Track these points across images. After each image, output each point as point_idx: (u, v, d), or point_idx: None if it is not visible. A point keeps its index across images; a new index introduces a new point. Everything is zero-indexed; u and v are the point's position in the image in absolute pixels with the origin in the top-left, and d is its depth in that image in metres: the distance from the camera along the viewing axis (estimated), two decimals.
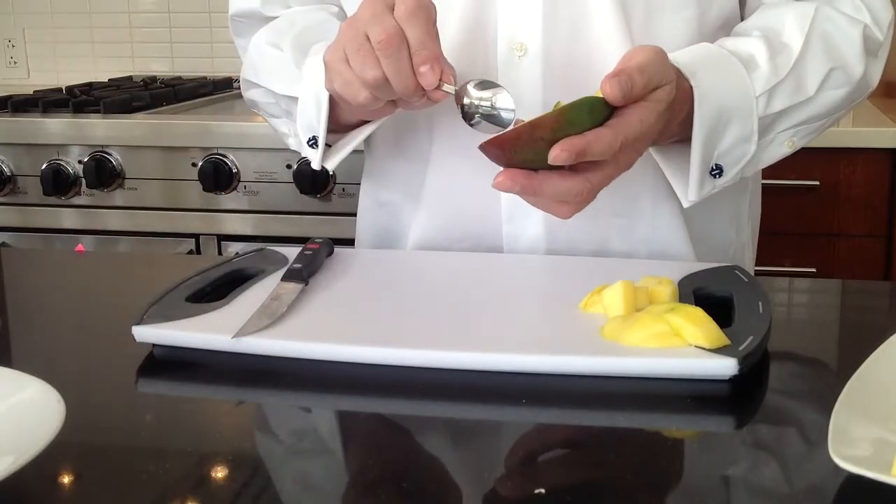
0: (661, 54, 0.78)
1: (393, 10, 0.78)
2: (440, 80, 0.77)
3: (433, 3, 0.79)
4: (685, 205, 0.87)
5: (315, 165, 0.92)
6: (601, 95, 0.73)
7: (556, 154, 0.71)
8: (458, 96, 0.78)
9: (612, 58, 0.90)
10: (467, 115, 0.78)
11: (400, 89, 0.78)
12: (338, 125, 0.92)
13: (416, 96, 0.79)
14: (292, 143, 1.00)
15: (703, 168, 0.85)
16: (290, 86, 0.94)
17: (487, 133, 0.76)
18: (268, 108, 1.02)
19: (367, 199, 1.08)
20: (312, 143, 0.91)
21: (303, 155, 0.95)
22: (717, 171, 0.87)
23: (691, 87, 0.82)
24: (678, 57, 0.84)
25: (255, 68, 1.00)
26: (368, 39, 0.78)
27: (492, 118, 0.77)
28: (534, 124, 0.71)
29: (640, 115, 0.75)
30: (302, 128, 0.93)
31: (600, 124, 0.73)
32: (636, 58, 0.76)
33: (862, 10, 0.93)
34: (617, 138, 0.73)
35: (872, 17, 0.92)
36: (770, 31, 0.90)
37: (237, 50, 1.08)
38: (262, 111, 1.04)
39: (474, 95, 0.78)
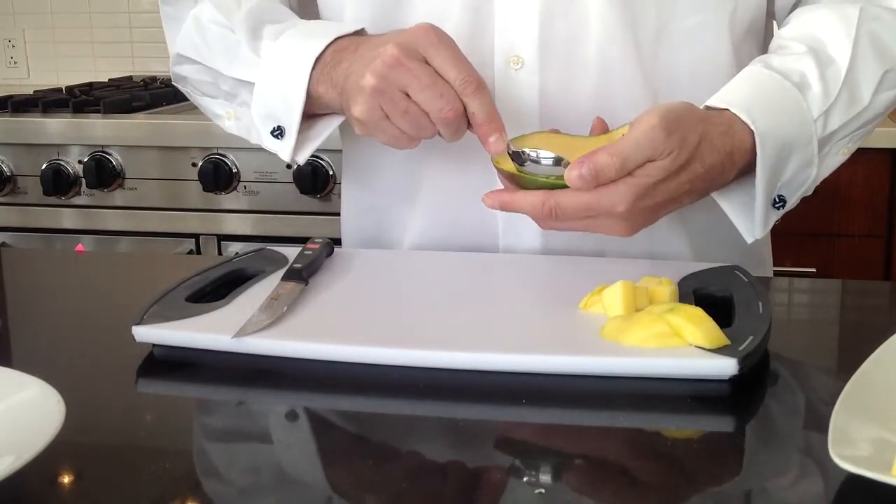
0: (659, 126, 0.75)
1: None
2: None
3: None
4: (749, 241, 0.86)
5: (286, 158, 0.91)
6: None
7: (484, 198, 0.79)
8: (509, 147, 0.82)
9: (612, 69, 0.90)
10: (520, 157, 0.79)
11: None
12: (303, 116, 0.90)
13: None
14: (230, 126, 0.97)
15: (765, 203, 0.84)
16: (244, 70, 0.92)
17: (535, 172, 0.79)
18: (200, 87, 0.99)
19: (351, 203, 1.07)
20: (277, 133, 0.90)
21: (255, 142, 0.93)
22: (779, 203, 0.85)
23: (751, 130, 0.80)
24: (730, 96, 0.82)
25: (196, 46, 0.96)
26: (437, 74, 0.80)
27: (539, 161, 0.79)
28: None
29: (606, 192, 0.75)
30: (261, 116, 0.91)
31: None
32: (632, 130, 0.76)
33: None
34: (542, 207, 0.76)
35: None
36: (815, 42, 0.87)
37: (163, 18, 1.02)
38: (192, 88, 1.00)
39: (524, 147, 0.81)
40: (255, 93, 0.91)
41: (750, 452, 0.62)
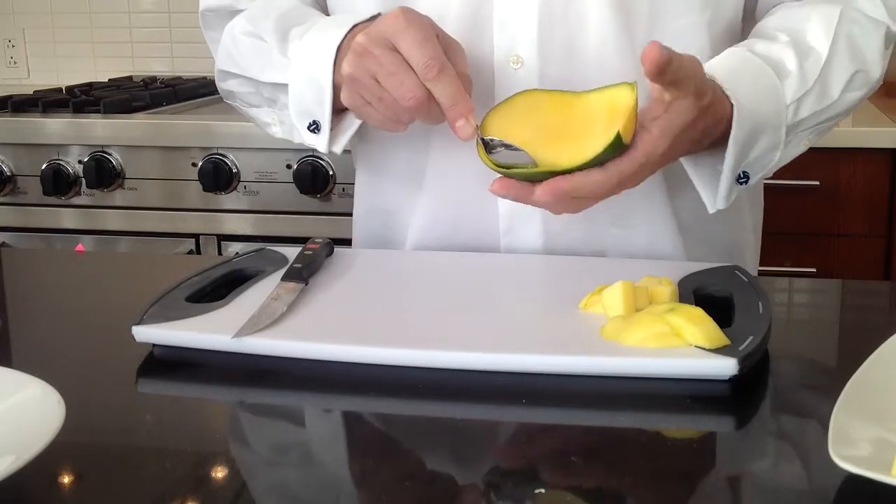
0: (700, 64, 0.78)
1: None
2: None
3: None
4: (711, 211, 0.87)
5: (323, 149, 0.92)
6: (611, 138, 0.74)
7: (538, 196, 0.75)
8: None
9: (610, 69, 0.90)
10: (488, 146, 0.79)
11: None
12: (333, 108, 0.91)
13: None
14: (277, 132, 0.99)
15: (730, 178, 0.85)
16: (276, 73, 0.94)
17: (506, 160, 0.78)
18: (247, 98, 1.01)
19: (361, 205, 1.07)
20: (314, 128, 0.91)
21: (298, 141, 0.94)
22: (743, 178, 0.87)
23: (731, 103, 0.82)
24: (716, 68, 0.84)
25: (234, 58, 0.99)
26: (403, 60, 0.80)
27: (510, 147, 0.78)
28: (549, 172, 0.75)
29: (646, 149, 0.76)
30: (298, 114, 0.92)
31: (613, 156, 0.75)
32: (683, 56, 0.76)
33: (880, 8, 0.92)
34: (610, 179, 0.75)
35: (889, 15, 0.92)
36: (796, 35, 0.89)
37: (208, 43, 1.06)
38: (240, 101, 1.02)
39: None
40: (290, 92, 0.92)
41: (750, 452, 0.61)
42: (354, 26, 0.88)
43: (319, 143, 0.92)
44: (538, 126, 0.78)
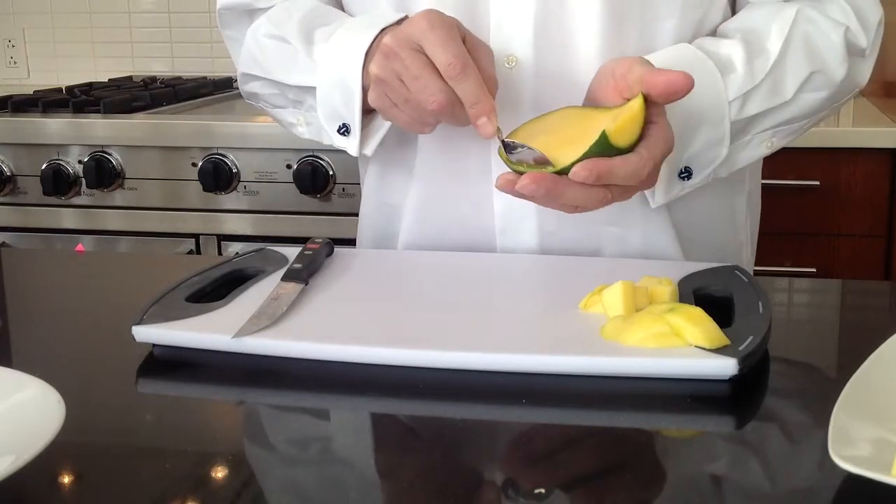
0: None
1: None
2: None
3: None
4: (653, 206, 0.88)
5: (353, 152, 0.92)
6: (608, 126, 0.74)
7: (577, 172, 0.73)
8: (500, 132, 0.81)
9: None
10: (508, 147, 0.79)
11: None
12: (363, 109, 0.91)
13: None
14: (303, 132, 0.99)
15: (669, 171, 0.86)
16: (303, 76, 0.94)
17: (526, 158, 0.78)
18: (271, 100, 1.01)
19: (368, 203, 1.08)
20: (343, 130, 0.92)
21: (327, 142, 0.94)
22: (685, 173, 0.87)
23: None
24: (654, 60, 0.83)
25: (258, 61, 0.99)
26: (429, 62, 0.79)
27: (530, 149, 0.79)
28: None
29: (665, 135, 0.76)
30: (327, 117, 0.92)
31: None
32: (636, 65, 0.76)
33: (848, 12, 0.92)
34: (644, 165, 0.74)
35: (858, 18, 0.92)
36: (750, 34, 0.90)
37: (226, 42, 1.06)
38: (264, 103, 1.03)
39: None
40: (318, 95, 0.92)
41: (750, 452, 0.61)
42: (383, 29, 0.88)
43: (350, 145, 0.92)
44: (561, 134, 0.79)
